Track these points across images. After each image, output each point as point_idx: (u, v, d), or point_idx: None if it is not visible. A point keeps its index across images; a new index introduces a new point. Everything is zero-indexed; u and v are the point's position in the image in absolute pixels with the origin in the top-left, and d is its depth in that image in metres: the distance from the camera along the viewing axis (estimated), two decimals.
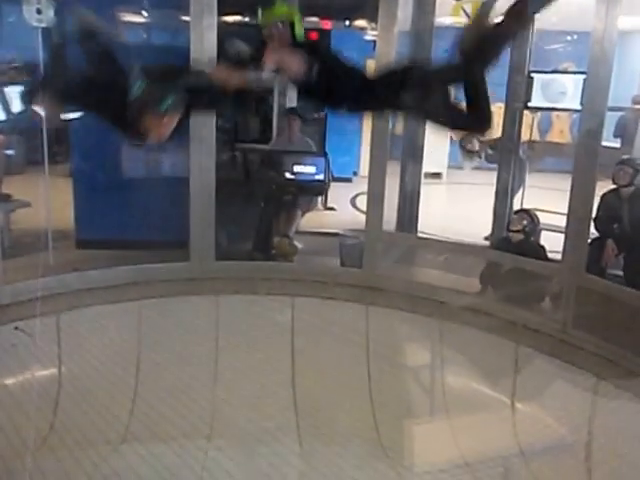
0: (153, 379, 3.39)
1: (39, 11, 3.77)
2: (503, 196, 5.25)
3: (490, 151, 5.82)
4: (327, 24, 7.56)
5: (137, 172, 5.39)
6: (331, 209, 6.73)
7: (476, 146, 5.91)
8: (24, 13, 3.81)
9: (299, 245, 5.14)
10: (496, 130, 7.45)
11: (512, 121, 5.22)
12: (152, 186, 5.03)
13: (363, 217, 4.59)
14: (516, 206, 5.28)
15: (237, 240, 5.17)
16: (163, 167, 5.49)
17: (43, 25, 3.84)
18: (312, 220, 5.74)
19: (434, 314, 3.91)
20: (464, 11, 6.47)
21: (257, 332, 3.90)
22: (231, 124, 7.89)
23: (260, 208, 5.23)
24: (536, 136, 6.72)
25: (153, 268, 4.38)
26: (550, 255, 4.21)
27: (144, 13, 5.50)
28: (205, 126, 4.23)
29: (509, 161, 5.25)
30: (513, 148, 5.25)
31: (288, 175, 5.10)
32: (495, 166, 5.44)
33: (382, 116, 3.77)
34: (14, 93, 7.71)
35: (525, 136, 5.54)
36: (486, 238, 5.35)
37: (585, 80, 3.78)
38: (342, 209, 6.96)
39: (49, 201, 4.45)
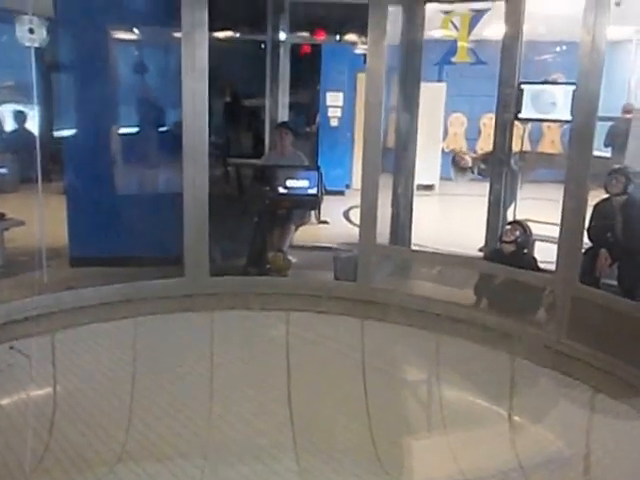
0: (149, 397, 3.37)
1: (31, 31, 3.78)
2: (495, 207, 5.27)
3: (482, 166, 5.85)
4: (321, 34, 7.58)
5: (130, 189, 5.40)
6: (324, 223, 6.75)
7: (469, 162, 5.95)
8: (17, 33, 3.83)
9: (293, 259, 5.15)
10: (488, 144, 7.51)
11: (503, 132, 5.26)
12: (145, 203, 5.04)
13: (357, 230, 4.59)
14: (509, 217, 5.31)
15: (231, 255, 5.17)
16: (156, 184, 5.49)
17: (35, 45, 3.85)
18: (306, 234, 5.75)
19: (429, 327, 3.91)
20: (453, 24, 6.54)
21: (252, 348, 3.88)
22: (223, 139, 7.92)
23: (254, 223, 5.23)
24: (527, 147, 6.76)
25: (147, 285, 4.36)
26: (545, 265, 4.21)
27: (135, 30, 5.53)
28: (198, 141, 4.24)
29: (501, 172, 5.28)
30: (505, 159, 5.28)
31: (281, 190, 5.11)
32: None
33: None
34: (7, 112, 7.73)
35: (516, 147, 5.58)
36: (480, 249, 5.36)
37: (575, 91, 3.81)
38: (335, 222, 6.97)
39: (43, 219, 4.44)
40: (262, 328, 4.10)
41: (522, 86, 5.09)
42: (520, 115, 5.16)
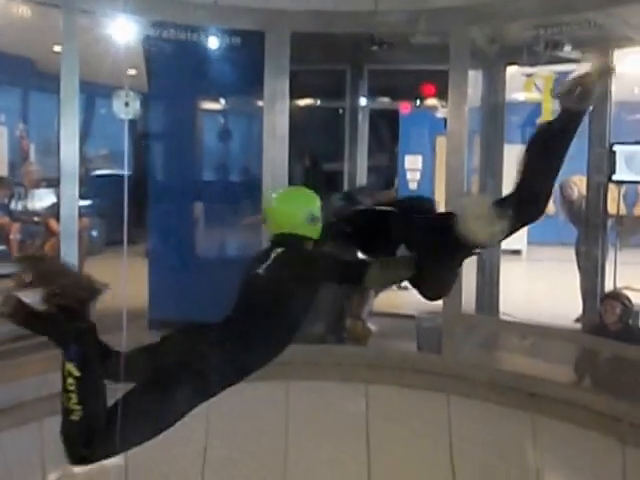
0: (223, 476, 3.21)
1: (127, 104, 3.97)
2: (591, 275, 4.88)
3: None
4: (405, 107, 7.62)
5: (211, 253, 5.46)
6: (405, 289, 6.50)
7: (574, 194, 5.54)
8: (114, 106, 4.02)
9: (373, 327, 4.93)
10: None
11: (596, 195, 4.94)
12: (226, 268, 5.05)
13: None
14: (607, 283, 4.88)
15: (308, 322, 5.01)
16: (239, 248, 5.53)
17: (130, 117, 4.03)
18: (386, 300, 5.54)
19: (524, 406, 3.55)
20: (536, 86, 6.37)
21: (329, 423, 3.65)
22: None
23: (332, 289, 5.09)
24: (623, 210, 6.33)
25: None
26: None
27: (222, 100, 5.76)
28: None
29: (597, 237, 4.92)
30: (600, 223, 4.93)
31: None
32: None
33: None
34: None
35: (612, 210, 5.20)
36: (577, 320, 4.93)
37: None
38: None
39: (126, 282, 4.50)
40: (340, 401, 3.88)
41: (615, 147, 4.79)
42: (614, 177, 4.84)
